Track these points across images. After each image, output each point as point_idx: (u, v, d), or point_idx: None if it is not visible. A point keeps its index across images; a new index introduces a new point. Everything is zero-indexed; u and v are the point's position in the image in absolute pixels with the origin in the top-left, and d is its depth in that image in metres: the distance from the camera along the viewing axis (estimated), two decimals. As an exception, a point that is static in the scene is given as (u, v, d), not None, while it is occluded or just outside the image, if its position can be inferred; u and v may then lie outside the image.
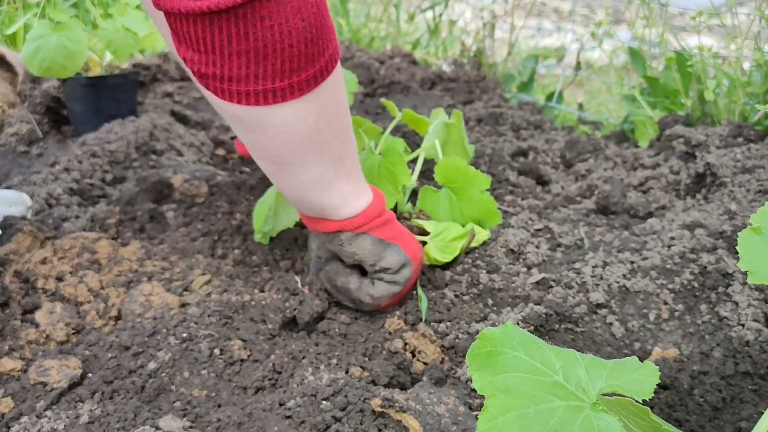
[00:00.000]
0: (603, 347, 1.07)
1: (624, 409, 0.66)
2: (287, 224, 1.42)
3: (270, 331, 1.13)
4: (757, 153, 1.44)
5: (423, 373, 1.04)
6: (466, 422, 0.88)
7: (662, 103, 1.90)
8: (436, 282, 1.24)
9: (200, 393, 1.00)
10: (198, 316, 1.12)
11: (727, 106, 1.70)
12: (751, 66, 1.68)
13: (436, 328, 1.12)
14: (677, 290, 1.10)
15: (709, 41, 2.04)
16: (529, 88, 2.49)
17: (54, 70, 1.73)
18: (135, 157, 1.75)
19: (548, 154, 1.83)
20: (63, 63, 1.72)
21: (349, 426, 0.88)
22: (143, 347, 1.07)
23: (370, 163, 1.27)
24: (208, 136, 2.01)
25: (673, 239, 1.20)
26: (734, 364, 0.99)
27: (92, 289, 1.24)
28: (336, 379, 0.96)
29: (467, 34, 3.05)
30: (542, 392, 0.61)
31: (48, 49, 1.71)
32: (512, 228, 1.33)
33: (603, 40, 2.02)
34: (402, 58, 2.56)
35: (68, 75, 1.77)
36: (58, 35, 1.73)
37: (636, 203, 1.48)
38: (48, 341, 1.12)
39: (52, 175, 1.61)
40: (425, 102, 2.23)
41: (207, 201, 1.56)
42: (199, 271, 1.31)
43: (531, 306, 1.09)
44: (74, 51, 1.73)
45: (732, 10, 1.72)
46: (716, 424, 0.95)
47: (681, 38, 1.97)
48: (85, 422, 0.92)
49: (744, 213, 1.23)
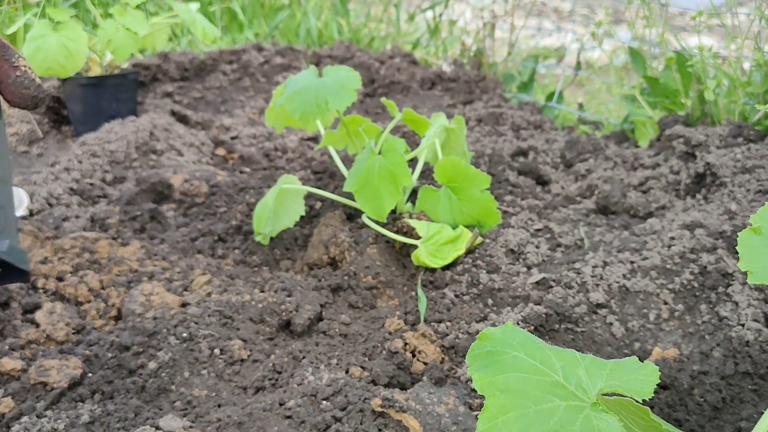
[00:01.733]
0: (603, 347, 1.07)
1: (624, 409, 0.66)
2: (287, 224, 1.42)
3: (270, 331, 1.13)
4: (757, 153, 1.44)
5: (423, 373, 1.04)
6: (466, 422, 0.88)
7: (662, 103, 1.90)
8: (436, 282, 1.24)
9: (200, 393, 1.00)
10: (198, 316, 1.12)
11: (727, 106, 1.70)
12: (751, 66, 1.68)
13: (436, 328, 1.12)
14: (677, 290, 1.10)
15: (709, 41, 2.04)
16: (529, 88, 2.49)
17: (54, 70, 1.73)
18: (135, 157, 1.75)
19: (548, 154, 1.83)
20: (63, 63, 1.72)
21: (349, 426, 0.88)
22: (143, 347, 1.07)
23: (370, 163, 1.27)
24: (208, 136, 2.01)
25: (673, 239, 1.20)
26: (734, 364, 0.99)
27: (92, 289, 1.24)
28: (336, 379, 0.96)
29: (467, 34, 3.05)
30: (542, 392, 0.61)
31: (48, 49, 1.71)
32: (512, 228, 1.33)
33: (603, 40, 2.02)
34: (402, 58, 2.56)
35: (68, 75, 1.77)
36: (58, 35, 1.73)
37: (636, 203, 1.48)
38: (48, 341, 1.12)
39: (52, 175, 1.61)
40: (425, 102, 2.23)
41: (207, 201, 1.56)
42: (199, 270, 1.31)
43: (531, 306, 1.09)
44: (74, 51, 1.73)
45: (732, 10, 1.72)
46: (716, 424, 0.95)
47: (681, 38, 1.97)
48: (85, 422, 0.92)
49: (744, 213, 1.23)
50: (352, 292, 1.23)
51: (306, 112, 1.25)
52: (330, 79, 1.29)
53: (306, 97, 1.26)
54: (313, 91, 1.26)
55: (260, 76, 2.39)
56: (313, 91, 1.26)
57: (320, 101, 1.25)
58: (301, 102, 1.26)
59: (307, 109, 1.25)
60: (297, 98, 1.26)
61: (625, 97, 2.04)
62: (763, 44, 1.64)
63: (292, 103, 1.26)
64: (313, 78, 1.31)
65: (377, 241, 1.32)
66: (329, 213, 1.44)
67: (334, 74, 1.30)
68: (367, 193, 1.27)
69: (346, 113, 2.00)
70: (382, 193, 1.25)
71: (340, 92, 1.26)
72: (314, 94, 1.26)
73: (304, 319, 1.14)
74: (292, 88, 1.29)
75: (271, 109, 1.48)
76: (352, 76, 1.29)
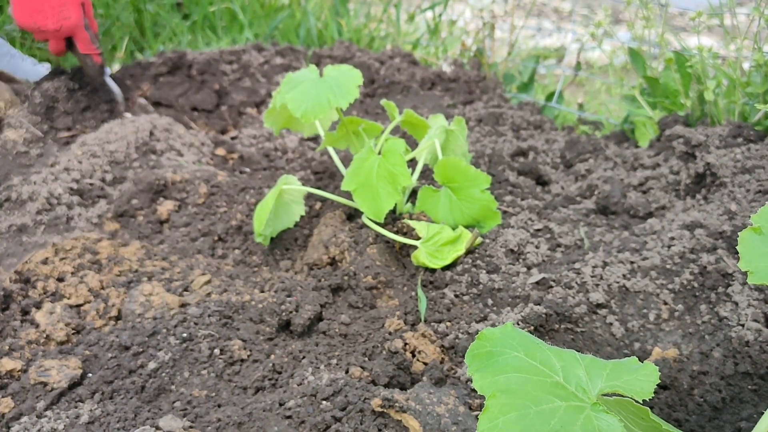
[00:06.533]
0: (603, 347, 1.07)
1: (624, 409, 0.66)
2: (287, 224, 1.42)
3: (270, 331, 1.13)
4: (757, 153, 1.44)
5: (423, 373, 1.04)
6: (466, 422, 0.88)
7: (662, 103, 1.90)
8: (436, 282, 1.24)
9: (200, 393, 1.00)
10: (198, 316, 1.12)
11: (727, 106, 1.70)
12: (750, 66, 1.68)
13: (436, 328, 1.12)
14: (677, 290, 1.10)
15: (709, 41, 2.04)
16: (529, 88, 2.49)
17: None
18: (135, 157, 1.75)
19: (548, 154, 1.83)
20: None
21: (349, 426, 0.88)
22: (143, 347, 1.07)
23: (369, 163, 1.27)
24: (208, 136, 2.01)
25: (673, 239, 1.20)
26: (734, 364, 0.99)
27: (92, 289, 1.24)
28: (336, 379, 0.96)
29: (467, 34, 3.05)
30: (543, 392, 0.61)
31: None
32: (512, 228, 1.33)
33: (603, 40, 2.02)
34: (402, 58, 2.56)
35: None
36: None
37: (636, 203, 1.48)
38: (48, 341, 1.12)
39: (52, 175, 1.61)
40: (425, 102, 2.23)
41: (207, 201, 1.56)
42: (199, 271, 1.31)
43: (531, 306, 1.09)
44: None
45: (732, 10, 1.72)
46: (716, 424, 0.95)
47: (681, 38, 1.97)
48: (85, 422, 0.92)
49: (744, 213, 1.23)
50: (352, 292, 1.23)
51: (308, 111, 1.24)
52: (331, 77, 1.29)
53: (307, 96, 1.25)
54: (315, 90, 1.26)
55: (260, 76, 2.39)
56: (314, 89, 1.26)
57: (322, 99, 1.24)
58: (302, 100, 1.25)
59: (309, 107, 1.24)
60: (298, 97, 1.26)
61: (625, 97, 2.04)
62: (763, 44, 1.64)
63: (293, 101, 1.26)
64: (314, 76, 1.30)
65: (377, 241, 1.32)
66: (329, 213, 1.44)
67: (335, 73, 1.30)
68: (365, 193, 1.27)
69: (346, 113, 2.00)
70: (381, 193, 1.25)
71: (342, 89, 1.25)
72: (315, 93, 1.25)
73: (304, 319, 1.14)
74: (293, 86, 1.29)
75: (270, 110, 1.48)
76: (353, 74, 1.28)
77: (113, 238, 1.42)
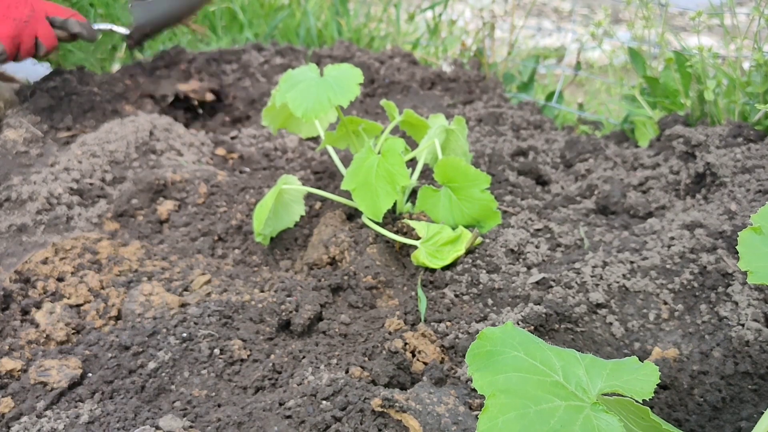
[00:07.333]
0: (603, 347, 1.07)
1: (624, 409, 0.66)
2: (287, 224, 1.42)
3: (270, 331, 1.13)
4: (757, 153, 1.44)
5: (423, 373, 1.04)
6: (466, 422, 0.88)
7: (662, 103, 1.90)
8: (436, 282, 1.24)
9: (200, 393, 1.00)
10: (198, 316, 1.12)
11: (727, 106, 1.70)
12: (750, 66, 1.68)
13: (436, 328, 1.12)
14: (677, 290, 1.10)
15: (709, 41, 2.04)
16: (529, 88, 2.49)
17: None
18: (135, 157, 1.75)
19: (548, 154, 1.83)
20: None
21: (349, 426, 0.88)
22: (143, 347, 1.07)
23: (368, 163, 1.27)
24: (208, 136, 2.01)
25: (672, 239, 1.20)
26: (734, 364, 0.99)
27: (92, 289, 1.24)
28: (336, 379, 0.96)
29: (467, 34, 3.05)
30: (542, 392, 0.61)
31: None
32: (512, 228, 1.33)
33: (603, 40, 2.02)
34: (402, 58, 2.56)
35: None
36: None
37: (636, 203, 1.48)
38: (48, 341, 1.12)
39: (52, 175, 1.61)
40: (425, 102, 2.23)
41: (207, 201, 1.56)
42: (199, 270, 1.31)
43: (531, 306, 1.09)
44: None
45: (732, 10, 1.72)
46: (716, 424, 0.95)
47: (681, 38, 1.97)
48: (85, 422, 0.92)
49: (744, 213, 1.23)
50: (352, 292, 1.23)
51: (308, 110, 1.24)
52: (332, 76, 1.29)
53: (308, 95, 1.25)
54: (315, 89, 1.26)
55: (260, 76, 2.39)
56: (315, 88, 1.26)
57: (322, 98, 1.24)
58: (303, 99, 1.25)
59: (310, 106, 1.24)
60: (299, 96, 1.26)
61: (625, 97, 2.04)
62: (763, 44, 1.64)
63: (293, 101, 1.26)
64: (314, 75, 1.30)
65: (377, 241, 1.32)
66: (329, 213, 1.44)
67: (336, 72, 1.30)
68: (364, 193, 1.27)
69: (346, 113, 2.00)
70: (380, 192, 1.25)
71: (343, 87, 1.25)
72: (316, 92, 1.25)
73: (303, 319, 1.14)
74: (292, 84, 1.29)
75: (269, 108, 1.48)
76: (354, 72, 1.28)
77: (113, 238, 1.42)
